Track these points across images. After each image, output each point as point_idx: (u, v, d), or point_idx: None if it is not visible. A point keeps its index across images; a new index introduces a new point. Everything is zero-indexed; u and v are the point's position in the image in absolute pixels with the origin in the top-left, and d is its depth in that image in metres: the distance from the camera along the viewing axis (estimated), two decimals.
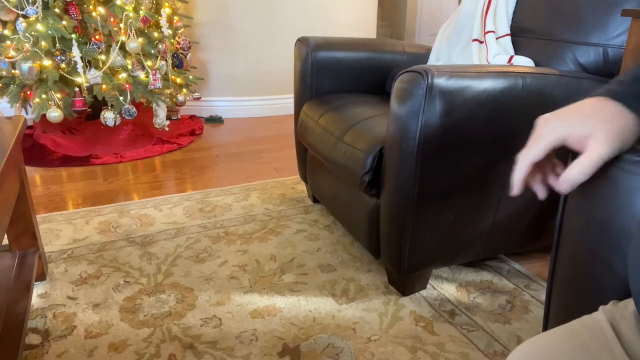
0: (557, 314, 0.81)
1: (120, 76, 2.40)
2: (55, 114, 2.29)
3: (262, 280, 1.45)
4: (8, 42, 2.29)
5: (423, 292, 1.40)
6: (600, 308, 0.54)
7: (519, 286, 1.44)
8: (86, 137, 2.63)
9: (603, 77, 1.34)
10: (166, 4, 2.66)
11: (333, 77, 1.81)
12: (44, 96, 2.31)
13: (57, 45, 2.28)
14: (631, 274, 0.50)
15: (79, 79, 2.32)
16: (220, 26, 3.19)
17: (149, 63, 2.47)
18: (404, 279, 1.37)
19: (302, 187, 2.07)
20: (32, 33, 2.22)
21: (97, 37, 2.37)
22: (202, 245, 1.65)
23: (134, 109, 2.47)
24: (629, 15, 1.17)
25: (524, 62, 1.48)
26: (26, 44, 2.24)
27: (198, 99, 3.17)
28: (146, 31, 2.51)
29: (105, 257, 1.57)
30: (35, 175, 2.29)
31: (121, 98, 2.43)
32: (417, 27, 5.18)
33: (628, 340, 0.48)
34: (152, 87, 2.50)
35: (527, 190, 1.45)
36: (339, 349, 1.18)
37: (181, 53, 2.84)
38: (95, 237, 1.70)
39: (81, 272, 1.48)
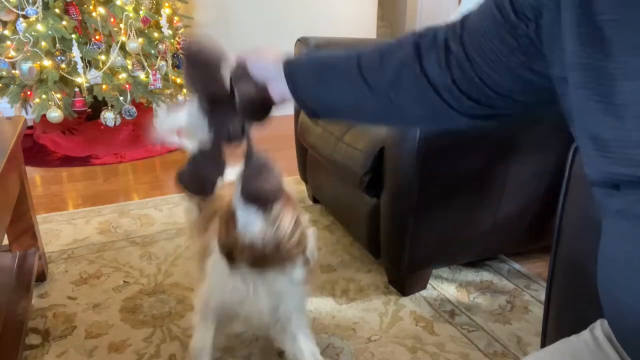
0: (556, 314, 0.81)
1: (120, 76, 2.40)
2: (55, 114, 2.29)
3: None
4: (8, 43, 2.29)
5: (423, 292, 1.40)
6: (599, 322, 0.54)
7: (519, 286, 1.44)
8: (86, 137, 2.63)
9: None
10: (166, 4, 2.66)
11: None
12: (44, 96, 2.31)
13: (57, 45, 2.28)
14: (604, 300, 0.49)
15: (79, 79, 2.32)
16: (220, 26, 3.19)
17: (148, 63, 2.47)
18: (404, 279, 1.37)
19: (302, 187, 2.06)
20: (32, 33, 2.22)
21: (97, 37, 2.37)
22: None
23: (134, 109, 2.47)
24: None
25: None
26: (26, 45, 2.24)
27: None
28: (146, 31, 2.51)
29: (105, 257, 1.57)
30: (35, 175, 2.29)
31: (121, 98, 2.43)
32: (417, 27, 5.17)
33: (627, 357, 0.48)
34: (152, 87, 2.50)
35: (528, 190, 1.43)
36: (339, 349, 1.18)
37: (181, 53, 2.84)
38: (95, 237, 1.70)
39: (81, 272, 1.48)
